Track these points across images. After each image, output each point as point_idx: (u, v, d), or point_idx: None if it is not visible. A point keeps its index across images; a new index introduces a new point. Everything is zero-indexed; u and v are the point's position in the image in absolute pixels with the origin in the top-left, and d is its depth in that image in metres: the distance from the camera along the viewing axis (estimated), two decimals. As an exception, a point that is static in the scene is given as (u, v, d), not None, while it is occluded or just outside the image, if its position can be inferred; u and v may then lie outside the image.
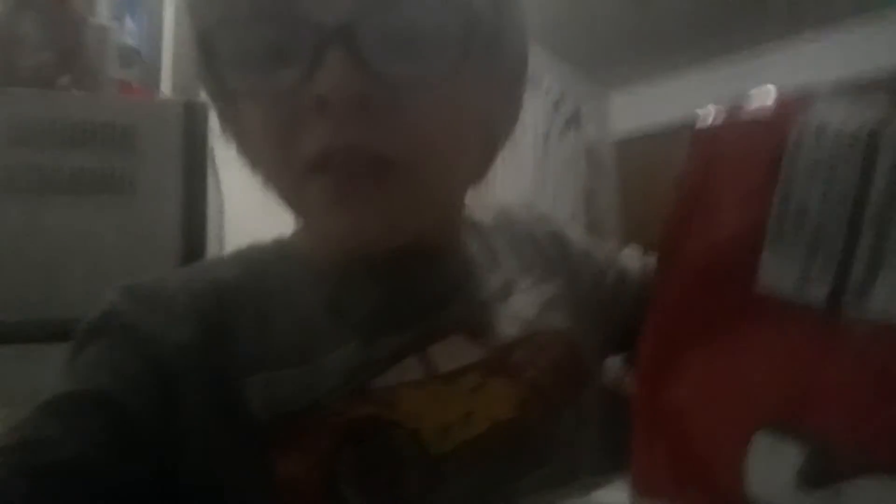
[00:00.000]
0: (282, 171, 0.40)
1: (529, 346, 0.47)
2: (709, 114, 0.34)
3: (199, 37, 0.39)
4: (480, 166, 0.48)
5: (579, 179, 4.36)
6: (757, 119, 0.31)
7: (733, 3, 3.87)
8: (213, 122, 1.22)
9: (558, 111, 4.17)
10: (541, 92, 3.99)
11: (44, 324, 1.01)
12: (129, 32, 1.41)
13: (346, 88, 0.34)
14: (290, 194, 0.41)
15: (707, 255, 0.32)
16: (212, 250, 1.24)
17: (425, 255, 0.47)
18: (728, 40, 4.41)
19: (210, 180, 1.22)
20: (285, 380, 0.39)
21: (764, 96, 0.32)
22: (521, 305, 0.50)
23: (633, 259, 0.62)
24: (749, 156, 0.30)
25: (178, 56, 1.74)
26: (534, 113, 3.87)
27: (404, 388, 0.41)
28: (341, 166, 0.37)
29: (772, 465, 0.27)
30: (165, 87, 1.68)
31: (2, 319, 0.99)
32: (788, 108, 0.29)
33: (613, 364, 0.60)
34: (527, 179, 3.73)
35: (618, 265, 0.60)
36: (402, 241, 0.42)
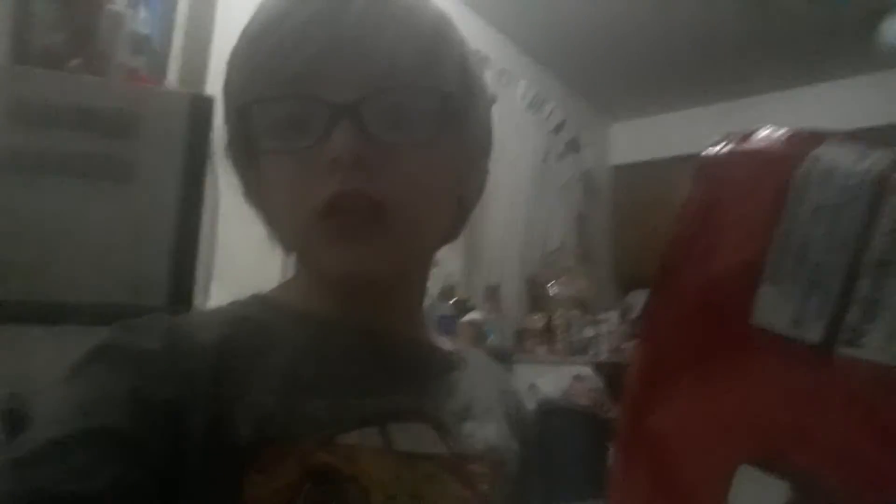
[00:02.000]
0: (294, 216, 0.49)
1: (487, 465, 0.53)
2: (715, 143, 0.34)
3: (237, 111, 0.50)
4: (452, 226, 0.58)
5: (574, 203, 4.38)
6: (764, 152, 0.31)
7: (740, 50, 3.94)
8: (218, 117, 1.22)
9: (558, 135, 4.20)
10: (542, 116, 4.02)
11: (34, 305, 1.00)
12: (141, 20, 1.41)
13: (352, 151, 0.45)
14: (300, 237, 0.51)
15: (704, 285, 0.31)
16: (203, 244, 1.24)
17: (401, 330, 0.55)
18: (732, 84, 4.48)
19: (208, 176, 1.22)
20: (271, 406, 0.45)
21: (772, 131, 0.32)
22: (493, 434, 0.56)
23: None
24: (754, 189, 0.30)
25: (188, 48, 1.75)
26: (534, 136, 3.90)
27: (366, 450, 0.46)
28: (345, 210, 0.46)
29: (756, 499, 0.27)
30: (172, 77, 1.68)
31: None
32: (797, 144, 0.29)
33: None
34: (522, 200, 3.74)
35: None
36: (387, 275, 0.51)
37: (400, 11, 0.49)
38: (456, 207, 0.57)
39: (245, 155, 0.53)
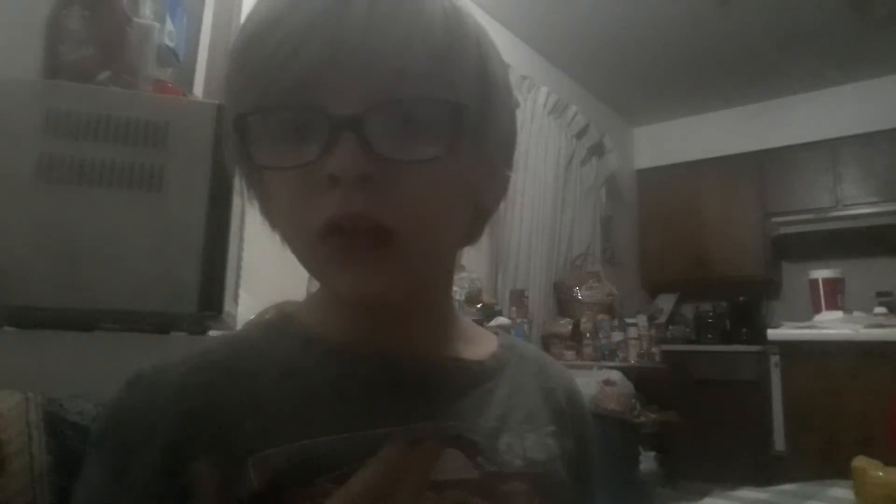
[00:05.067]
0: (297, 234, 0.46)
1: (526, 481, 0.50)
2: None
3: (235, 119, 0.45)
4: (471, 232, 0.54)
5: (599, 207, 4.36)
6: None
7: (762, 53, 3.89)
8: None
9: (581, 140, 4.19)
10: (564, 121, 4.01)
11: (68, 311, 1.02)
12: (168, 34, 1.44)
13: (354, 168, 0.41)
14: (305, 255, 0.47)
15: None
16: (232, 251, 1.25)
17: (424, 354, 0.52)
18: (754, 87, 4.43)
19: (235, 183, 1.23)
20: (283, 456, 0.43)
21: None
22: (533, 444, 0.53)
23: None
24: None
25: (213, 60, 1.77)
26: (557, 141, 3.89)
27: None
28: (346, 232, 0.43)
29: None
30: (198, 89, 1.71)
31: (27, 304, 1.00)
32: None
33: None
34: (548, 204, 3.73)
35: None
36: (399, 296, 0.47)
37: (408, 9, 0.43)
38: (472, 216, 0.52)
39: (247, 164, 0.49)
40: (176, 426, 0.43)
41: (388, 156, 0.42)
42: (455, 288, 2.66)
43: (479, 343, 0.58)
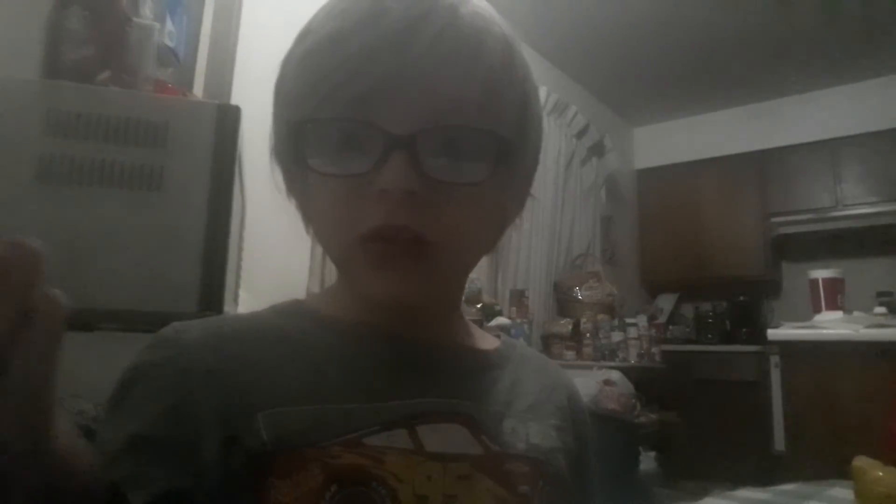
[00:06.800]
0: (339, 237, 0.50)
1: (528, 464, 0.52)
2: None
3: (291, 126, 0.49)
4: (492, 241, 0.58)
5: (599, 207, 4.36)
6: None
7: (761, 54, 3.90)
8: (244, 126, 1.23)
9: (581, 140, 4.19)
10: (564, 121, 4.01)
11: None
12: (168, 34, 1.44)
13: (403, 184, 0.45)
14: (343, 256, 0.51)
15: None
16: (232, 251, 1.25)
17: (434, 331, 0.56)
18: (753, 88, 4.44)
19: (235, 183, 1.23)
20: (294, 416, 0.46)
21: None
22: (536, 431, 0.55)
23: None
24: None
25: (213, 60, 1.77)
26: (557, 141, 3.89)
27: (394, 452, 0.46)
28: (389, 240, 0.46)
29: None
30: (198, 89, 1.71)
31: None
32: None
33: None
34: (548, 204, 3.73)
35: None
36: (425, 302, 0.52)
37: (470, 44, 0.47)
38: (496, 227, 0.57)
39: (294, 163, 0.52)
40: (194, 383, 0.46)
41: (434, 176, 0.46)
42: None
43: (483, 340, 0.62)
